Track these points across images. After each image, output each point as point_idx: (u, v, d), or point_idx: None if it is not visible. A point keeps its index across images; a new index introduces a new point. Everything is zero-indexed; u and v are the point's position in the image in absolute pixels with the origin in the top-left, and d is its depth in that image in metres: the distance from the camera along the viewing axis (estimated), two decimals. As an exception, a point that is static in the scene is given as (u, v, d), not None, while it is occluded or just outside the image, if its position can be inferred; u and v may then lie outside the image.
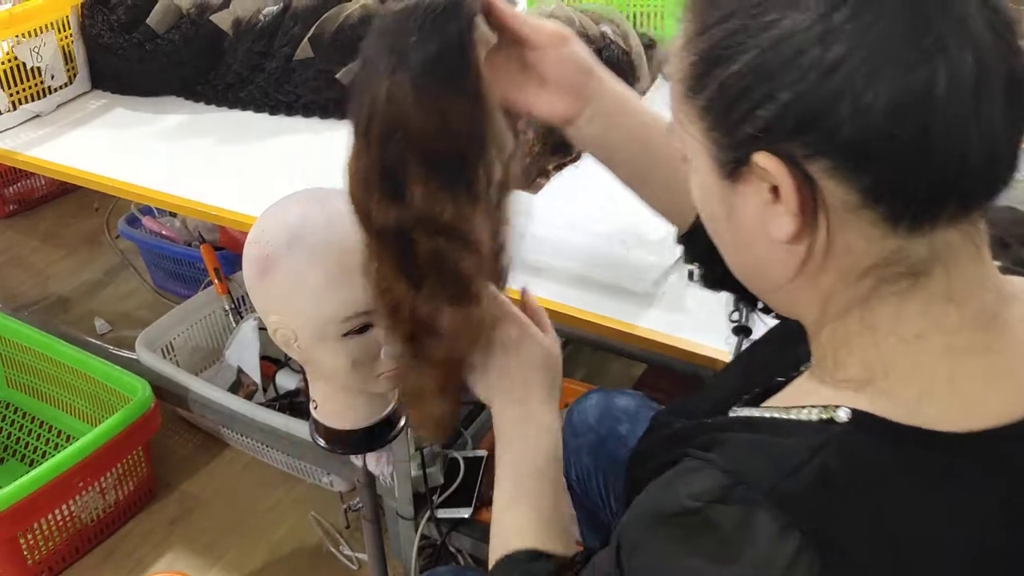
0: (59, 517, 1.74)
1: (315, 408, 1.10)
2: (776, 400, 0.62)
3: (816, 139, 0.50)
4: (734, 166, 0.55)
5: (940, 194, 0.51)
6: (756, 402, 0.63)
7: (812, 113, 0.49)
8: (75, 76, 1.81)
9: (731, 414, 0.64)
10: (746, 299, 1.11)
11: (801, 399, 0.57)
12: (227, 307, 2.10)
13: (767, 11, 0.50)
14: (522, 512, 0.77)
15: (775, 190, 0.53)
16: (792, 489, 0.51)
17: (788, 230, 0.53)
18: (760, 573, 0.50)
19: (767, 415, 0.59)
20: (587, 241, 1.17)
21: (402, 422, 1.14)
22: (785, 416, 0.57)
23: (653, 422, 0.79)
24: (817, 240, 0.54)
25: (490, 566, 0.75)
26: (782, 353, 0.69)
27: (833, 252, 0.54)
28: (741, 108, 0.52)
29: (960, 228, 0.53)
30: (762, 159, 0.52)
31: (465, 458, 1.66)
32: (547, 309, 1.15)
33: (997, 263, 0.58)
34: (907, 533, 0.51)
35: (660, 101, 1.62)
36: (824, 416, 0.55)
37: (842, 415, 0.54)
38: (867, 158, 0.50)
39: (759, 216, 0.55)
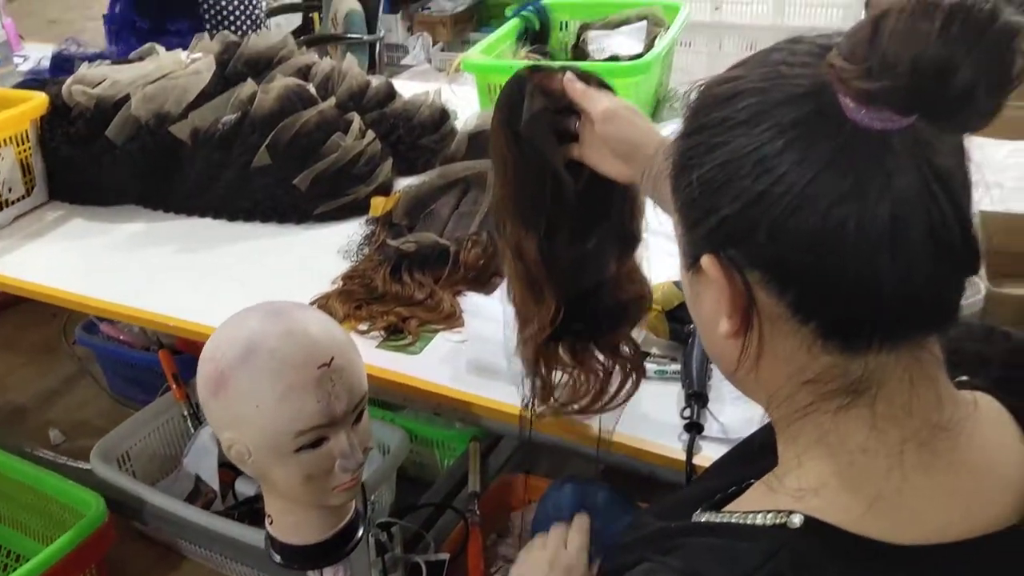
0: (9, 640, 1.67)
1: (270, 523, 1.08)
2: (736, 504, 0.64)
3: (748, 252, 0.55)
4: (692, 261, 0.60)
5: (859, 325, 0.54)
6: (719, 506, 0.66)
7: (743, 229, 0.54)
8: (33, 188, 1.82)
9: (694, 518, 0.66)
10: (696, 397, 1.13)
11: (759, 504, 0.59)
12: (185, 413, 2.07)
13: (722, 132, 0.55)
14: None
15: (731, 302, 0.58)
16: None
17: (726, 328, 0.58)
18: None
19: (726, 519, 0.61)
20: (542, 342, 1.18)
21: (359, 532, 1.13)
22: (742, 521, 0.59)
23: (634, 520, 0.81)
24: (751, 343, 0.58)
25: None
26: (754, 460, 0.71)
27: (772, 358, 0.58)
28: (695, 214, 0.57)
29: (897, 353, 0.55)
30: (706, 261, 0.57)
31: (427, 562, 1.64)
32: (500, 411, 1.17)
33: (966, 379, 0.62)
34: None
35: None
36: (778, 521, 0.57)
37: (795, 521, 0.56)
38: (790, 278, 0.54)
39: (713, 308, 0.59)
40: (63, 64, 2.51)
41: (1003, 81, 0.48)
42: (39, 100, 1.78)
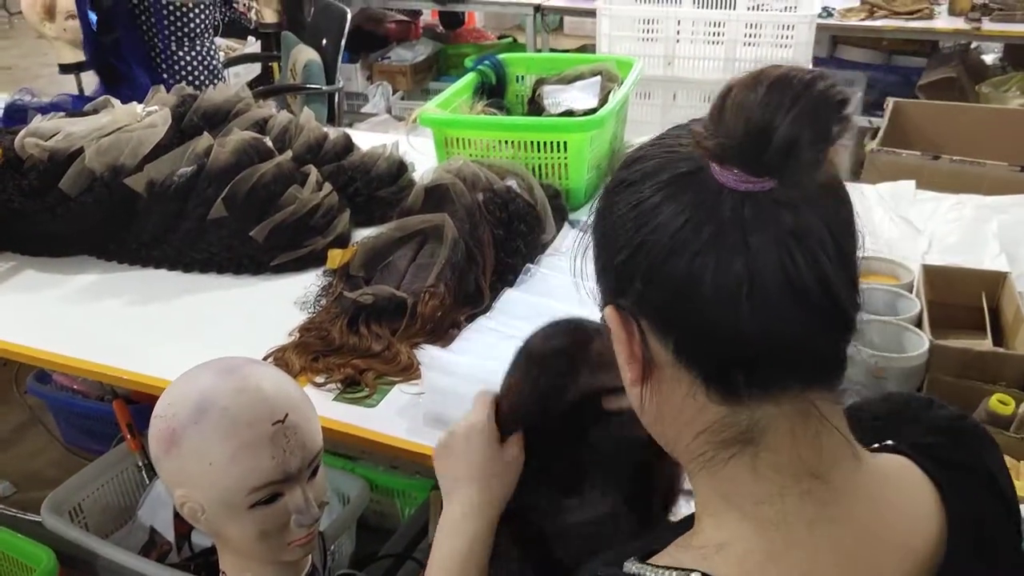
0: None
1: (225, 580, 1.08)
2: (657, 558, 0.65)
3: (635, 299, 0.59)
4: (601, 316, 0.64)
5: (730, 374, 0.57)
6: (645, 558, 0.67)
7: (629, 277, 0.59)
8: (-16, 239, 1.80)
9: (624, 567, 0.67)
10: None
11: (673, 560, 0.61)
12: (140, 463, 2.04)
13: (617, 193, 0.61)
14: None
15: (628, 349, 0.62)
16: None
17: (629, 376, 0.62)
18: None
19: (643, 572, 0.63)
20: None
21: (316, 587, 1.12)
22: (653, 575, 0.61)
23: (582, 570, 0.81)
24: (648, 390, 0.61)
25: None
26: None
27: (670, 407, 0.61)
28: (598, 268, 0.63)
29: (779, 405, 0.58)
30: (607, 312, 0.62)
31: (387, 613, 1.63)
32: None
33: (890, 443, 0.65)
34: None
35: (566, 249, 1.69)
36: (682, 570, 0.59)
37: (696, 570, 0.58)
38: (669, 324, 0.59)
39: (621, 359, 0.63)
40: (16, 114, 2.51)
41: (821, 137, 0.54)
42: (-8, 151, 1.77)
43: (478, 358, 1.32)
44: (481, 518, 0.83)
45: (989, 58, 4.09)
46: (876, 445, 0.67)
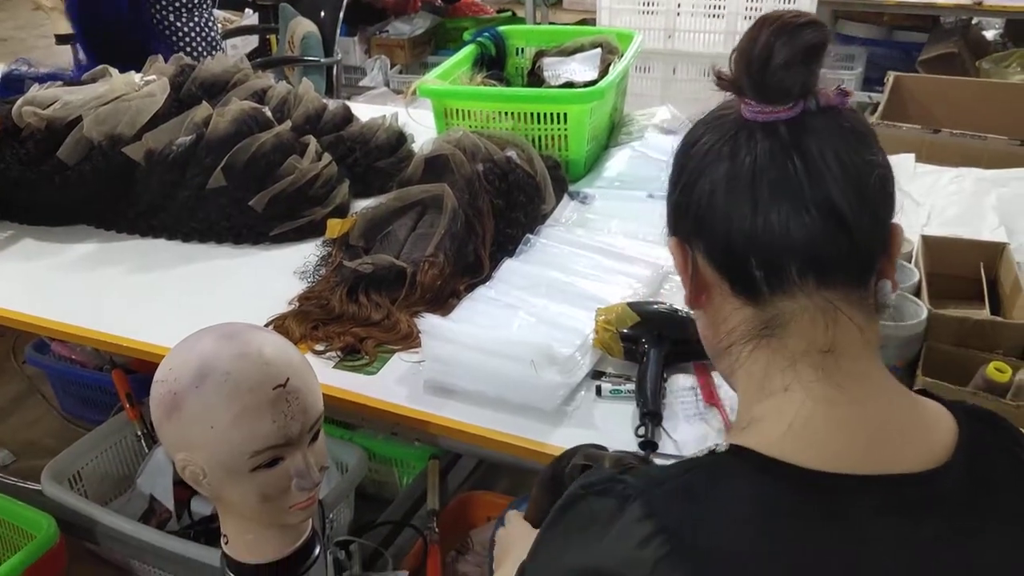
0: (-46, 668, 1.64)
1: (226, 543, 1.09)
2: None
3: (685, 225, 0.71)
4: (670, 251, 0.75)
5: (749, 274, 0.67)
6: None
7: (680, 207, 0.71)
8: (-19, 208, 1.80)
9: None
10: (651, 415, 1.16)
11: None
12: (139, 432, 2.05)
13: (678, 146, 0.74)
14: None
15: (682, 269, 0.73)
16: (660, 492, 0.63)
17: (687, 294, 0.73)
18: (616, 546, 0.61)
19: (681, 459, 0.69)
20: (497, 363, 1.20)
21: (316, 551, 1.13)
22: (689, 456, 0.69)
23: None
24: (701, 305, 0.73)
25: None
26: None
27: (715, 317, 0.72)
28: (667, 209, 0.75)
29: (796, 299, 0.66)
30: (669, 243, 0.74)
31: (386, 580, 1.64)
32: (460, 431, 1.19)
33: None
34: (740, 541, 0.60)
35: (565, 220, 1.69)
36: (711, 450, 0.67)
37: (722, 447, 0.66)
38: (705, 237, 0.70)
39: (682, 281, 0.74)
40: (13, 84, 2.49)
41: (809, 58, 0.65)
42: (-12, 121, 1.77)
43: (478, 327, 1.32)
44: None
45: (990, 34, 4.07)
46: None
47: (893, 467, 0.64)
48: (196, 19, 2.77)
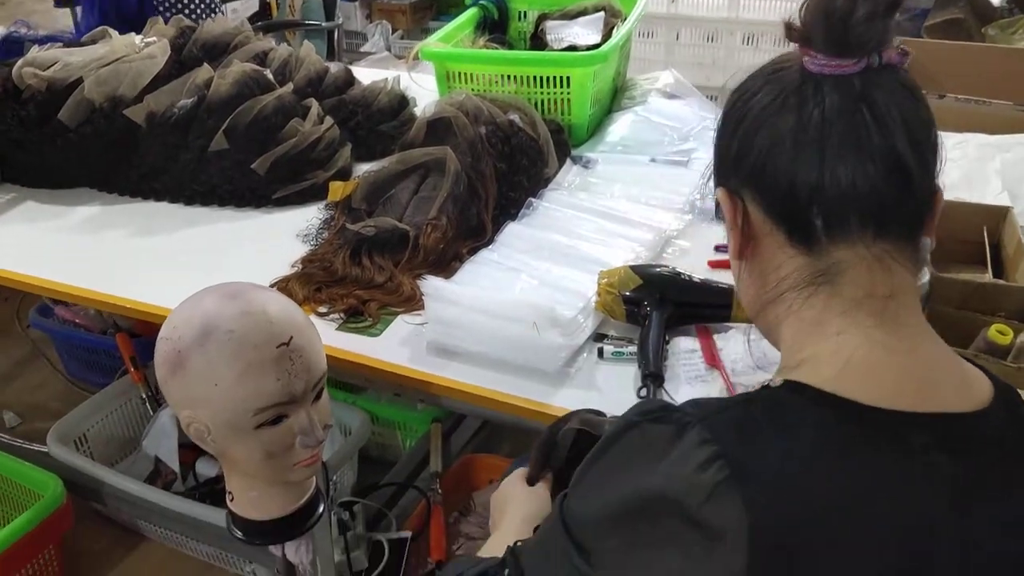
0: (-36, 625, 1.67)
1: (231, 500, 1.10)
2: None
3: (737, 175, 0.72)
4: (716, 206, 0.76)
5: (808, 223, 0.68)
6: None
7: (732, 157, 0.72)
8: (-16, 170, 1.80)
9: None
10: (653, 377, 1.17)
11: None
12: (144, 395, 2.06)
13: (730, 97, 0.75)
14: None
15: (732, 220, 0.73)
16: (719, 421, 0.64)
17: (735, 246, 0.74)
18: (675, 470, 0.62)
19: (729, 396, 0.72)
20: (500, 324, 1.21)
21: (320, 508, 1.15)
22: (740, 393, 0.72)
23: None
24: (748, 256, 0.73)
25: None
26: None
27: (764, 267, 0.73)
28: (715, 160, 0.76)
29: (854, 249, 0.67)
30: (718, 193, 0.75)
31: (390, 540, 1.65)
32: (464, 392, 1.20)
33: None
34: (798, 467, 0.61)
35: (568, 183, 1.68)
36: (764, 385, 0.69)
37: (777, 382, 0.68)
38: (761, 187, 0.70)
39: (729, 233, 0.75)
40: (12, 47, 2.48)
41: (889, 12, 0.66)
42: (-11, 82, 1.76)
43: (480, 289, 1.33)
44: (525, 531, 0.92)
45: (996, 0, 4.03)
46: None
47: (947, 407, 0.65)
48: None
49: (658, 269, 1.31)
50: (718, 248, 1.44)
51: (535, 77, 1.79)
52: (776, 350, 0.76)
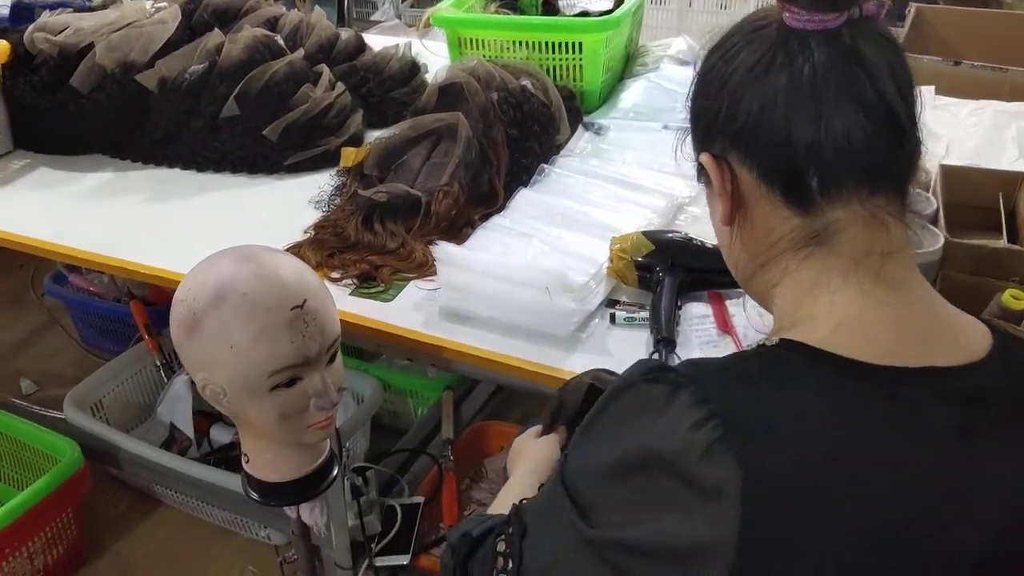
0: (-15, 585, 1.70)
1: (247, 462, 1.11)
2: None
3: (724, 137, 0.71)
4: (699, 172, 0.75)
5: (805, 179, 0.67)
6: None
7: (718, 119, 0.70)
8: (-3, 136, 1.80)
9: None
10: (665, 342, 1.17)
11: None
12: (158, 363, 2.08)
13: (704, 61, 0.73)
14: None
15: (720, 185, 0.72)
16: (713, 380, 0.64)
17: (724, 211, 0.72)
18: (670, 428, 0.62)
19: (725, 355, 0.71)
20: (512, 289, 1.21)
21: (334, 471, 1.16)
22: (734, 352, 0.72)
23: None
24: (738, 222, 0.72)
25: None
26: None
27: (756, 231, 0.72)
28: (692, 125, 0.75)
29: (849, 208, 0.67)
30: (703, 159, 0.73)
31: (402, 505, 1.67)
32: (475, 356, 1.20)
33: None
34: (792, 422, 0.62)
35: (580, 150, 1.68)
36: (759, 344, 0.68)
37: (772, 341, 0.68)
38: (753, 148, 0.69)
39: (715, 209, 0.74)
40: (23, 13, 2.46)
41: None
42: (0, 47, 1.75)
43: (492, 255, 1.33)
44: (534, 481, 0.93)
45: (1016, -34, 3.96)
46: None
47: (941, 361, 0.65)
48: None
49: (670, 235, 1.31)
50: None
51: (547, 43, 1.78)
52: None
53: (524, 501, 0.79)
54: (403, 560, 1.61)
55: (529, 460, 0.96)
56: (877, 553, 0.61)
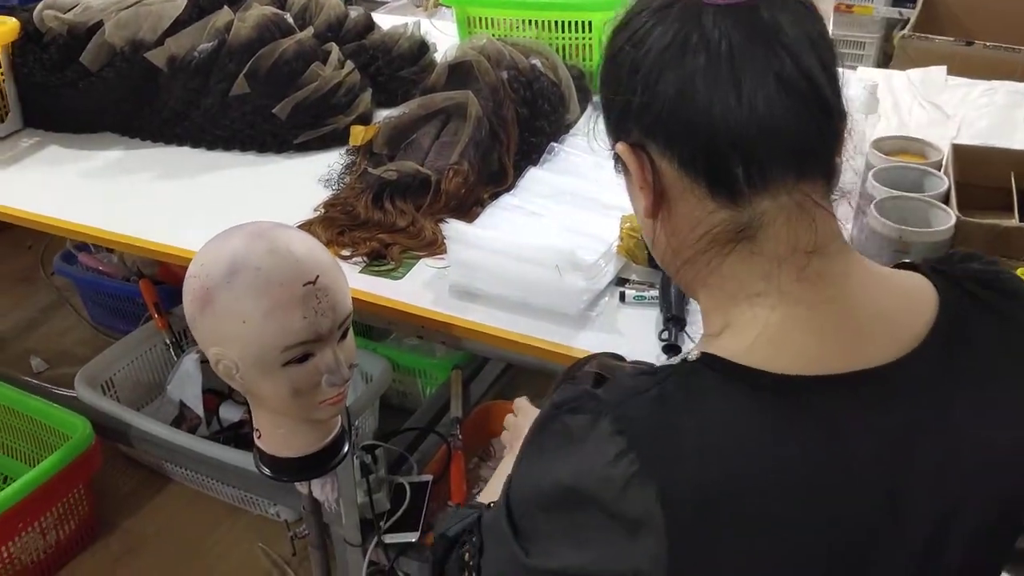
0: (-2, 560, 1.72)
1: (259, 437, 1.12)
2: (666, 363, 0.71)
3: (640, 125, 0.65)
4: (616, 161, 0.70)
5: (730, 166, 0.62)
6: None
7: (632, 105, 0.65)
8: (7, 115, 1.80)
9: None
10: (675, 320, 1.17)
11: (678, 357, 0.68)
12: (168, 341, 2.09)
13: (610, 42, 0.68)
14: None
15: (641, 177, 0.67)
16: (632, 406, 0.62)
17: (647, 204, 0.67)
18: (589, 463, 0.61)
19: (653, 366, 0.68)
20: (522, 267, 1.21)
21: (345, 448, 1.16)
22: (662, 364, 0.67)
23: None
24: (661, 214, 0.67)
25: None
26: None
27: (680, 224, 0.67)
28: (606, 115, 0.70)
29: (776, 199, 0.63)
30: (619, 148, 0.68)
31: (411, 483, 1.68)
32: (485, 334, 1.21)
33: (906, 261, 0.72)
34: (710, 447, 0.60)
35: (589, 129, 1.67)
36: (683, 358, 0.65)
37: (693, 356, 0.64)
38: (673, 136, 0.64)
39: (638, 200, 0.69)
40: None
41: None
42: (10, 25, 1.75)
43: (502, 233, 1.33)
44: None
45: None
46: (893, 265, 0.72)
47: (868, 362, 0.63)
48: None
49: (680, 213, 1.31)
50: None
51: (557, 22, 1.77)
52: None
53: (487, 511, 0.78)
54: (412, 537, 1.62)
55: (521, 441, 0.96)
56: (809, 569, 0.61)
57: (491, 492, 0.86)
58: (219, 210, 1.51)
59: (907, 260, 0.73)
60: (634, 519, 0.59)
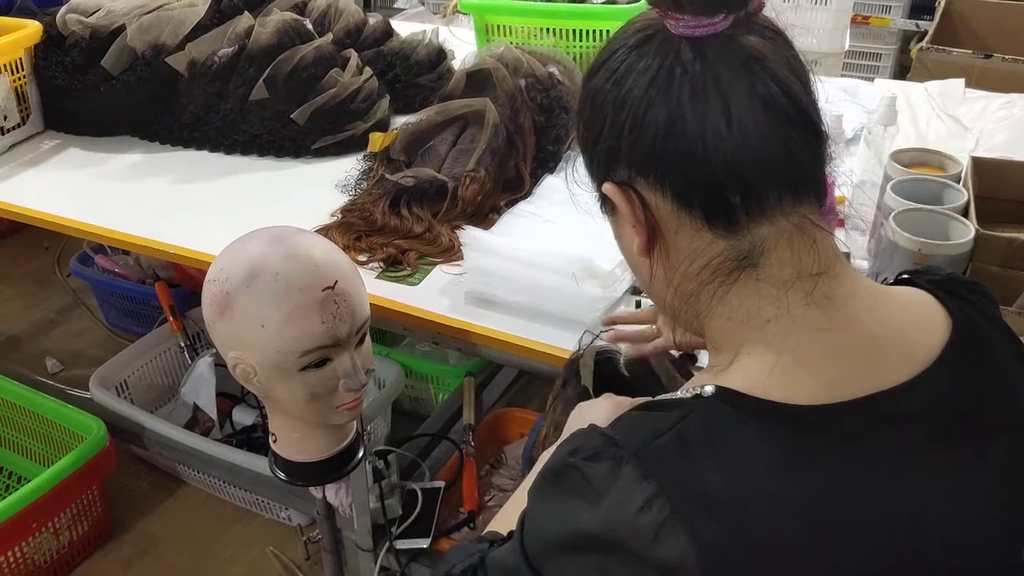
0: (12, 559, 1.72)
1: (274, 441, 1.12)
2: (674, 393, 0.70)
3: (628, 163, 0.65)
4: (602, 202, 0.70)
5: (726, 196, 0.62)
6: None
7: (618, 143, 0.64)
8: (28, 117, 1.82)
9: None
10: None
11: (688, 387, 0.66)
12: (182, 344, 2.10)
13: (587, 80, 0.67)
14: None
15: (632, 215, 0.66)
16: (654, 449, 0.60)
17: (640, 242, 0.66)
18: (617, 512, 0.59)
19: (661, 399, 0.67)
20: (538, 275, 1.21)
21: (360, 453, 1.17)
22: (671, 397, 0.66)
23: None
24: (657, 251, 0.67)
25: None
26: None
27: (678, 259, 0.66)
28: (587, 154, 0.68)
29: (775, 224, 0.63)
30: (606, 188, 0.67)
31: (423, 489, 1.68)
32: (502, 340, 1.21)
33: (906, 276, 0.73)
34: (741, 487, 0.59)
35: (567, 175, 1.67)
36: (695, 392, 0.63)
37: (708, 390, 0.63)
38: (664, 171, 0.64)
39: (628, 233, 0.68)
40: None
41: None
42: (33, 28, 1.77)
43: (519, 240, 1.33)
44: None
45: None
46: (891, 281, 0.73)
47: (884, 383, 0.63)
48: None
49: (697, 223, 1.31)
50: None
51: (574, 30, 1.77)
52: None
53: (492, 549, 0.75)
54: (423, 543, 1.62)
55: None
56: None
57: (501, 523, 0.84)
58: (237, 214, 1.52)
59: (903, 273, 0.73)
60: (669, 564, 0.58)
